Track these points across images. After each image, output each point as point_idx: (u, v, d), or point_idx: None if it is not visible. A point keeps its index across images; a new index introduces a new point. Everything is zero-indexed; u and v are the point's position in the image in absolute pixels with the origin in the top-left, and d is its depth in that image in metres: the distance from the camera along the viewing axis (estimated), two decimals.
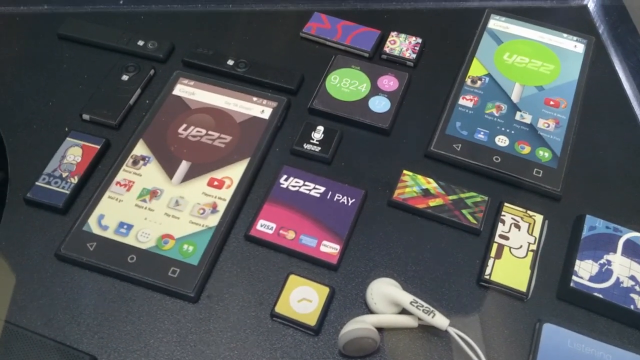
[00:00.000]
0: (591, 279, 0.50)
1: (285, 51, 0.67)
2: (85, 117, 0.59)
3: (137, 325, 0.47)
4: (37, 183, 0.54)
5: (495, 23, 0.70)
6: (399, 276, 0.51)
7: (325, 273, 0.51)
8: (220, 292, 0.49)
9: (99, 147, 0.56)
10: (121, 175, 0.55)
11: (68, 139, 0.57)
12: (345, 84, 0.63)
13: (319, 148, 0.58)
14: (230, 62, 0.64)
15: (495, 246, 0.52)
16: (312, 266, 0.51)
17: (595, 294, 0.49)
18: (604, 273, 0.50)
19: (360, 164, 0.58)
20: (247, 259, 0.51)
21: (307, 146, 0.58)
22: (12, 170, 0.56)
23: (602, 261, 0.51)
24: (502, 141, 0.59)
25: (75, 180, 0.54)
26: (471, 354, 0.45)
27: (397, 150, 0.59)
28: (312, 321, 0.47)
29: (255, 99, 0.61)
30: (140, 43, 0.66)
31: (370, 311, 0.48)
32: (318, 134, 0.59)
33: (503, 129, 0.60)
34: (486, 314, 0.49)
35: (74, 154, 0.56)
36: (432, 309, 0.46)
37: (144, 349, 0.46)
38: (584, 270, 0.50)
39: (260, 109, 0.60)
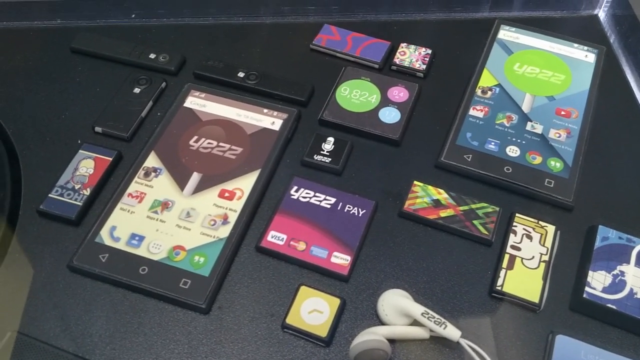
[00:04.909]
0: (604, 290, 0.49)
1: (295, 63, 0.68)
2: (98, 129, 0.60)
3: (149, 337, 0.48)
4: (50, 195, 0.54)
5: (506, 33, 0.70)
6: (410, 287, 0.50)
7: (336, 284, 0.51)
8: (231, 303, 0.50)
9: (111, 159, 0.57)
10: (133, 187, 0.55)
11: (80, 151, 0.58)
12: (356, 95, 0.63)
13: (330, 159, 0.58)
14: (241, 74, 0.65)
15: (507, 257, 0.51)
16: (323, 277, 0.51)
17: (609, 305, 0.48)
18: (618, 284, 0.49)
19: (370, 175, 0.58)
20: (258, 270, 0.51)
21: (317, 157, 0.58)
22: (26, 183, 0.57)
23: (615, 272, 0.50)
24: (513, 151, 0.59)
25: (87, 192, 0.55)
26: None
27: (408, 161, 0.59)
28: (323, 332, 0.47)
29: (265, 110, 0.61)
30: (152, 56, 0.67)
31: (381, 322, 0.48)
32: (328, 145, 0.59)
33: (514, 139, 0.60)
34: (498, 326, 0.49)
35: (86, 166, 0.56)
36: (443, 320, 0.46)
37: None
38: (597, 281, 0.50)
39: (271, 121, 0.60)
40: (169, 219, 0.53)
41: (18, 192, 0.56)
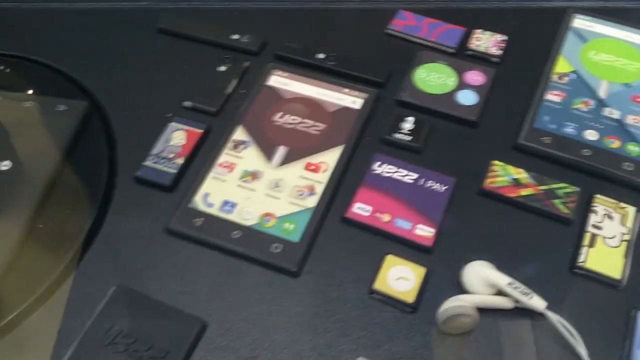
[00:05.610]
0: None
1: (371, 46, 0.70)
2: (187, 104, 0.63)
3: (243, 296, 0.50)
4: (145, 163, 0.57)
5: (580, 22, 0.70)
6: (491, 261, 0.52)
7: (420, 255, 0.52)
8: (319, 268, 0.52)
9: (202, 131, 0.60)
10: (223, 158, 0.58)
11: (172, 124, 0.60)
12: (433, 77, 0.65)
13: (410, 137, 0.59)
14: (321, 56, 0.67)
15: (588, 235, 0.52)
16: (407, 248, 0.53)
17: None
18: None
19: (448, 154, 0.59)
20: (344, 239, 0.53)
21: (397, 135, 0.60)
22: (121, 153, 0.60)
23: None
24: (591, 135, 0.59)
25: (180, 161, 0.57)
26: (568, 337, 0.46)
27: (485, 142, 0.60)
28: (410, 298, 0.49)
29: (346, 90, 0.63)
30: (235, 37, 0.69)
31: (465, 292, 0.50)
32: (408, 124, 0.61)
33: (591, 123, 0.60)
34: (579, 300, 0.50)
35: (178, 137, 0.59)
36: (529, 290, 0.47)
37: (249, 318, 0.49)
38: None
39: (352, 100, 0.62)
40: (258, 188, 0.56)
41: (114, 160, 0.59)
